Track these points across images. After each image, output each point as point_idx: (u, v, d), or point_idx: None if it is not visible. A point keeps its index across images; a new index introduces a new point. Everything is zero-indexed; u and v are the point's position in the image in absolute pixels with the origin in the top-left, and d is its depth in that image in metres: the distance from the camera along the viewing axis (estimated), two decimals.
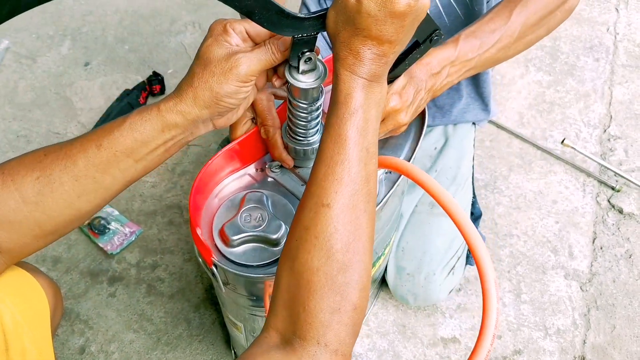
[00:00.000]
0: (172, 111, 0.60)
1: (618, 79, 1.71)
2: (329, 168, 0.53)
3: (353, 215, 0.53)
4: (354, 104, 0.54)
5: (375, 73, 0.54)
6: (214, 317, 1.27)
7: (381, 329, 1.27)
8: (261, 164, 0.79)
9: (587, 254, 1.37)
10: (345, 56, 0.53)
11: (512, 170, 1.51)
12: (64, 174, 0.59)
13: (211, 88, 0.59)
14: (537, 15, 0.86)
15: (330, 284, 0.50)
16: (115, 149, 0.60)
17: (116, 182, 0.62)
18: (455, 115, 1.23)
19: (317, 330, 0.49)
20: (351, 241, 0.52)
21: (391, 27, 0.51)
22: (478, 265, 0.57)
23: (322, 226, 0.52)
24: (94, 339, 1.24)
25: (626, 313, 1.29)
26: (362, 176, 0.54)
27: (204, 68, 0.59)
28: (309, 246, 0.52)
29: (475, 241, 0.56)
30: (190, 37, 1.78)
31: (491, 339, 0.53)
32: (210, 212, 0.74)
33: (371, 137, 0.55)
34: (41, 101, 1.63)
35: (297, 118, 0.69)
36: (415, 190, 1.19)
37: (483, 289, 0.55)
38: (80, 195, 0.61)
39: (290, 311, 0.51)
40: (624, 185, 1.47)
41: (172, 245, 1.37)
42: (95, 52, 1.74)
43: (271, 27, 0.56)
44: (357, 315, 0.52)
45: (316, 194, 0.53)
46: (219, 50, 0.59)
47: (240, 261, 0.70)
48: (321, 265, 0.51)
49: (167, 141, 0.62)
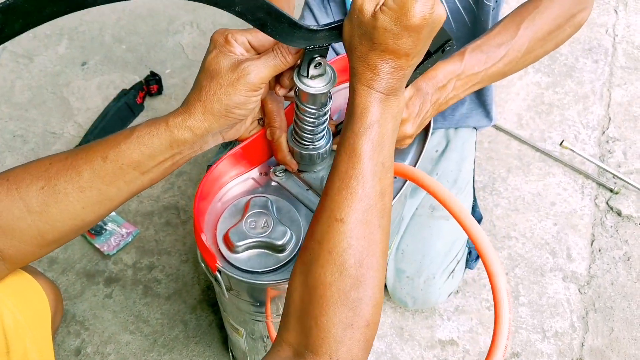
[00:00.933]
0: (181, 127, 0.59)
1: (617, 80, 1.71)
2: (342, 182, 0.53)
3: (367, 231, 0.53)
4: (370, 119, 0.53)
5: (393, 87, 0.54)
6: (210, 319, 1.26)
7: (379, 331, 1.26)
8: (265, 167, 0.79)
9: (586, 256, 1.38)
10: (363, 71, 0.53)
11: (511, 171, 1.51)
12: (69, 184, 0.59)
13: (220, 100, 0.58)
14: (545, 30, 0.85)
15: (344, 300, 0.50)
16: (122, 161, 0.59)
17: (121, 193, 0.62)
18: (457, 120, 1.22)
19: (329, 346, 0.49)
20: (365, 257, 0.52)
21: (408, 41, 0.51)
22: (489, 273, 0.57)
23: (335, 241, 0.51)
24: (89, 340, 1.23)
25: (624, 316, 1.29)
26: (377, 191, 0.54)
27: (210, 80, 0.58)
28: (322, 261, 0.51)
29: (487, 250, 0.56)
30: (188, 37, 1.77)
31: (503, 350, 0.53)
32: (214, 216, 0.73)
33: (387, 152, 0.55)
34: (38, 101, 1.61)
35: (304, 123, 0.68)
36: (417, 194, 1.19)
37: (495, 300, 0.55)
38: (84, 207, 0.60)
39: (302, 326, 0.51)
40: (623, 188, 1.48)
41: (169, 246, 1.36)
42: (92, 52, 1.72)
43: (284, 39, 0.55)
44: (370, 332, 0.52)
45: (330, 207, 0.53)
46: (225, 61, 0.58)
47: (244, 267, 0.69)
48: (334, 280, 0.51)
49: (174, 155, 0.61)
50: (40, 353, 0.71)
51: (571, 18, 0.87)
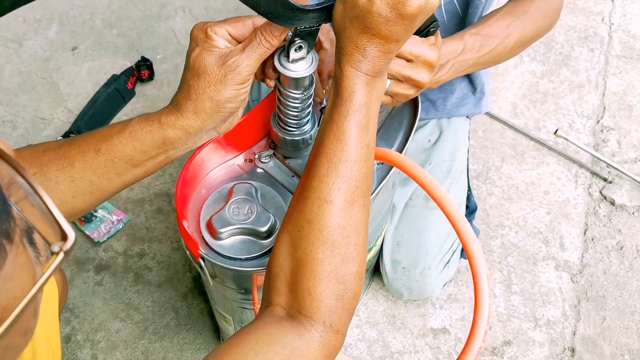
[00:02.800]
0: (173, 126, 0.59)
1: (612, 69, 1.70)
2: (331, 165, 0.54)
3: (354, 211, 0.55)
4: (357, 102, 0.54)
5: (379, 69, 0.54)
6: (202, 307, 1.26)
7: (371, 319, 1.26)
8: (250, 154, 0.77)
9: (578, 245, 1.37)
10: (351, 52, 0.53)
11: (505, 160, 1.50)
12: (60, 173, 0.59)
13: (211, 98, 0.57)
14: (528, 35, 0.88)
15: (335, 274, 0.54)
16: (114, 155, 0.59)
17: (112, 185, 0.62)
18: (449, 109, 1.21)
19: (323, 314, 0.54)
20: (351, 235, 0.55)
21: (401, 28, 0.51)
22: (469, 257, 0.56)
23: (325, 222, 0.54)
24: (80, 328, 1.23)
25: (616, 305, 1.29)
26: (363, 173, 0.55)
27: (198, 79, 0.57)
28: (312, 239, 0.54)
29: (467, 235, 0.55)
30: (180, 22, 1.75)
31: (483, 335, 0.52)
32: (198, 203, 0.72)
33: (372, 133, 0.56)
34: (27, 86, 1.59)
35: (288, 108, 0.67)
36: (408, 183, 1.18)
37: (475, 285, 0.54)
38: (75, 196, 0.60)
39: (295, 293, 0.55)
40: (616, 177, 1.47)
41: (160, 233, 1.35)
42: (82, 37, 1.70)
43: (275, 19, 0.54)
44: (356, 301, 0.57)
45: (318, 189, 0.55)
46: (209, 57, 0.57)
47: (228, 254, 0.68)
48: (325, 257, 0.54)
49: (167, 151, 0.61)
50: (46, 336, 0.71)
51: (547, 30, 0.91)
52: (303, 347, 0.52)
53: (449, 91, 1.19)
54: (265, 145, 0.79)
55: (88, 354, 1.20)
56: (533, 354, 1.22)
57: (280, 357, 0.51)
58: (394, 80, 0.66)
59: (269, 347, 0.51)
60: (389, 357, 1.22)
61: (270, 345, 0.51)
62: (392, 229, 1.17)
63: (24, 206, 0.31)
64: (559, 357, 1.22)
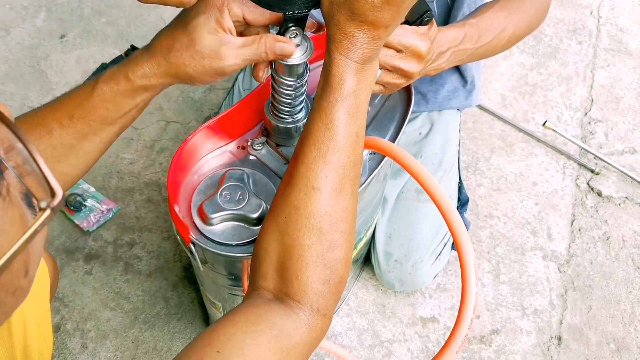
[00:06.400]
0: (142, 79, 0.59)
1: (600, 62, 1.71)
2: (319, 152, 0.54)
3: (341, 198, 0.55)
4: (346, 89, 0.54)
5: (368, 57, 0.54)
6: (192, 296, 1.26)
7: (361, 309, 1.27)
8: (243, 141, 0.77)
9: (566, 235, 1.39)
10: (340, 39, 0.52)
11: (494, 152, 1.51)
12: (40, 142, 0.59)
13: (186, 71, 0.58)
14: (520, 31, 0.89)
15: (322, 260, 0.54)
16: (88, 118, 0.60)
17: (95, 145, 0.63)
18: (440, 102, 1.22)
19: (310, 298, 0.54)
20: (339, 221, 0.55)
21: (388, 14, 0.50)
22: (457, 247, 0.57)
23: (312, 208, 0.54)
24: (69, 317, 1.23)
25: (602, 294, 1.31)
26: (351, 161, 0.55)
27: (185, 48, 0.57)
28: (299, 225, 0.54)
29: (457, 226, 0.56)
30: (171, 11, 1.74)
31: (469, 323, 0.53)
32: (190, 189, 0.72)
33: (361, 122, 0.56)
34: (15, 74, 1.58)
35: (281, 95, 0.67)
36: (400, 176, 1.18)
37: (462, 273, 0.55)
38: (60, 161, 0.61)
39: (282, 277, 0.55)
40: (604, 168, 1.48)
41: (150, 223, 1.35)
42: (71, 25, 1.69)
43: (263, 4, 0.54)
44: (342, 286, 0.57)
45: (306, 176, 0.55)
46: (209, 37, 0.57)
47: (219, 240, 0.68)
48: (312, 243, 0.54)
49: (139, 103, 0.62)
50: (38, 323, 0.71)
51: (537, 26, 0.92)
52: (291, 327, 0.53)
53: (440, 84, 1.20)
54: (258, 132, 0.79)
55: (78, 342, 1.20)
56: (520, 343, 1.24)
57: (268, 335, 0.51)
58: (384, 70, 0.67)
59: (256, 326, 0.51)
60: (379, 346, 1.23)
61: (258, 324, 0.51)
62: (384, 221, 1.17)
63: (22, 171, 0.32)
64: (546, 345, 1.24)
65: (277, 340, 0.51)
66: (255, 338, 0.50)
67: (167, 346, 1.20)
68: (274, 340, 0.51)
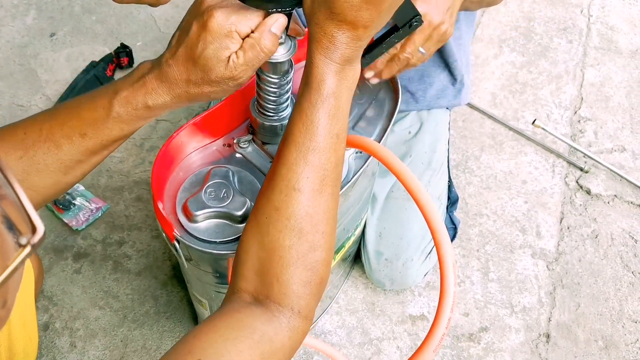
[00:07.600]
0: (164, 108, 0.59)
1: (590, 61, 1.72)
2: (300, 153, 0.54)
3: (322, 199, 0.55)
4: (326, 90, 0.53)
5: (348, 57, 0.53)
6: (181, 295, 1.26)
7: (350, 307, 1.27)
8: (229, 139, 0.77)
9: (555, 233, 1.39)
10: (320, 39, 0.52)
11: (484, 150, 1.52)
12: (48, 156, 0.59)
13: (209, 97, 0.58)
14: None
15: (302, 261, 0.54)
16: (101, 138, 0.60)
17: (102, 157, 0.64)
18: (429, 101, 1.22)
19: (291, 300, 0.54)
20: (319, 222, 0.55)
21: (366, 13, 0.50)
22: (437, 248, 0.57)
23: (293, 209, 0.54)
24: (58, 316, 1.22)
25: (591, 292, 1.31)
26: (332, 162, 0.55)
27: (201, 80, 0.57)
28: (280, 226, 0.54)
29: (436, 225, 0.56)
30: (161, 9, 1.73)
31: (447, 322, 0.53)
32: (175, 186, 0.72)
33: (342, 123, 0.56)
34: (4, 72, 1.57)
35: (266, 93, 0.68)
36: (389, 174, 1.19)
37: (441, 273, 0.55)
38: (67, 173, 0.61)
39: (263, 279, 0.55)
40: (593, 167, 1.49)
41: (140, 221, 1.35)
42: (61, 23, 1.68)
43: (248, 1, 0.54)
44: (323, 287, 0.57)
45: (287, 177, 0.54)
46: (221, 65, 0.56)
47: (203, 237, 0.68)
48: (293, 244, 0.54)
49: (150, 118, 0.62)
50: (22, 322, 0.71)
51: None
52: (272, 332, 0.53)
53: (429, 83, 1.20)
54: (244, 130, 0.79)
55: (67, 341, 1.20)
56: (509, 340, 1.24)
57: (250, 341, 0.51)
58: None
59: (238, 332, 0.51)
60: (368, 344, 1.23)
61: (240, 330, 0.51)
62: (374, 220, 1.18)
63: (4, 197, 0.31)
64: (535, 342, 1.25)
65: (259, 346, 0.51)
66: (236, 345, 0.50)
67: (156, 345, 1.20)
68: (255, 346, 0.51)
